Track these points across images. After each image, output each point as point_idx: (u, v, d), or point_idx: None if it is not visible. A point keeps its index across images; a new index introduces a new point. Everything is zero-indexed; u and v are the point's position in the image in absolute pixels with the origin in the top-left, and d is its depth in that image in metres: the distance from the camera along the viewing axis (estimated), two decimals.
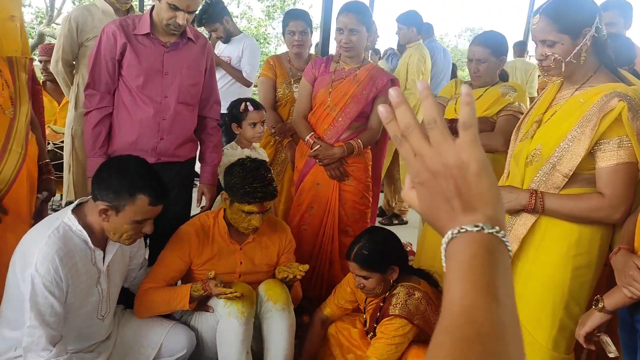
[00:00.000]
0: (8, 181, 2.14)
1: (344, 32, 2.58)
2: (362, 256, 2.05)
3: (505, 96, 2.52)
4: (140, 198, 1.78)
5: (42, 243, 1.73)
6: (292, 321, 2.15)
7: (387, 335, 2.00)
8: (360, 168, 2.72)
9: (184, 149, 2.43)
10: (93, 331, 1.97)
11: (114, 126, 2.33)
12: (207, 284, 2.02)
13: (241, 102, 2.76)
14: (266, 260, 2.31)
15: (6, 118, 2.14)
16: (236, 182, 2.11)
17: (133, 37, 2.25)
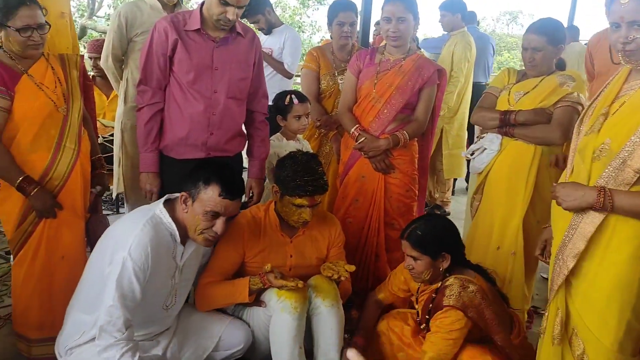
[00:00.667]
0: (63, 177, 2.20)
1: (391, 20, 2.53)
2: (415, 236, 2.05)
3: (562, 86, 2.43)
4: (211, 187, 1.86)
5: (138, 229, 1.82)
6: (341, 317, 2.15)
7: (443, 330, 1.96)
8: (406, 160, 2.69)
9: (233, 144, 2.44)
10: (156, 320, 2.04)
11: (165, 121, 2.35)
12: (265, 277, 2.03)
13: (286, 94, 2.77)
14: (316, 254, 2.30)
15: (60, 115, 2.20)
16: (287, 175, 2.12)
17: (184, 33, 2.26)
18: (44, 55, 2.23)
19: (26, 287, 2.25)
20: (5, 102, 2.08)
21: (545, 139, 2.43)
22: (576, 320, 1.70)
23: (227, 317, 2.16)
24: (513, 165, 2.48)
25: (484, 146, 2.59)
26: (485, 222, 2.57)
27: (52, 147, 2.18)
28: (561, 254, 1.70)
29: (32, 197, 2.12)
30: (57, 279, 2.23)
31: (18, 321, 2.33)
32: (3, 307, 2.78)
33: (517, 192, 2.47)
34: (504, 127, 2.51)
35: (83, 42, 11.86)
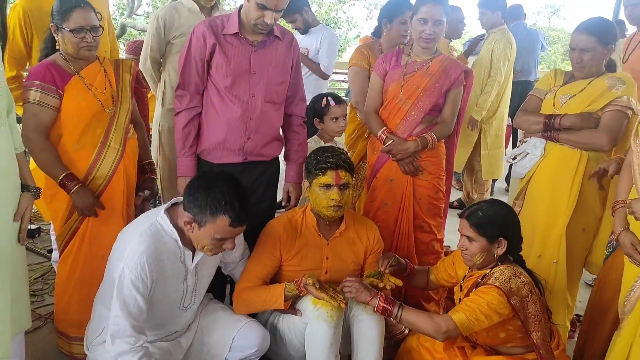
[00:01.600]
0: (106, 177, 2.25)
1: (427, 22, 2.48)
2: (475, 215, 2.00)
3: (612, 89, 2.31)
4: (220, 219, 1.81)
5: (135, 241, 1.85)
6: (382, 326, 2.11)
7: (479, 302, 1.89)
8: (434, 162, 2.66)
9: (270, 148, 2.42)
10: (173, 320, 2.06)
11: (203, 126, 2.35)
12: (302, 286, 2.01)
13: (322, 97, 2.75)
14: (352, 257, 2.28)
15: (106, 115, 2.24)
16: (311, 160, 2.15)
17: (222, 37, 2.25)
18: (99, 58, 2.29)
19: (68, 284, 2.31)
20: (55, 100, 2.15)
21: (591, 145, 2.33)
22: None
23: (244, 319, 2.15)
24: (557, 171, 2.40)
25: (526, 151, 2.51)
26: (527, 229, 2.46)
27: (97, 146, 2.23)
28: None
29: (73, 194, 2.17)
30: (98, 278, 2.24)
31: (59, 317, 2.39)
32: (44, 306, 2.85)
33: (561, 198, 2.38)
34: (548, 132, 2.42)
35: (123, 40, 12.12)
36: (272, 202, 2.56)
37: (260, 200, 2.43)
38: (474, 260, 2.03)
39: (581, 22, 2.42)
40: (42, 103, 2.13)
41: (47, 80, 2.13)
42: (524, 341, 2.00)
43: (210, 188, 1.83)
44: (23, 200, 1.88)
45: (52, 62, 2.18)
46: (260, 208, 2.43)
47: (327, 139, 2.78)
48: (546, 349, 1.92)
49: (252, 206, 2.28)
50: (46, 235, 3.70)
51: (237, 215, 1.82)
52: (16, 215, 1.85)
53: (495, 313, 1.88)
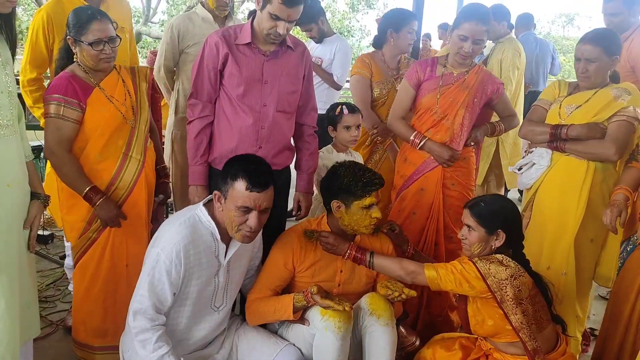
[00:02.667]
0: (128, 187, 2.26)
1: (468, 40, 2.51)
2: (477, 206, 2.05)
3: (617, 100, 2.32)
4: (238, 182, 1.86)
5: (173, 229, 1.90)
6: (394, 337, 2.10)
7: (454, 265, 2.02)
8: (465, 173, 2.68)
9: (282, 157, 2.42)
10: (204, 321, 2.05)
11: (215, 134, 2.37)
12: (309, 296, 2.00)
13: (338, 105, 2.76)
14: (366, 271, 2.26)
15: (127, 127, 2.26)
16: (349, 181, 2.10)
17: (235, 47, 2.26)
18: (116, 68, 2.30)
19: (89, 294, 2.31)
20: (77, 114, 2.16)
21: (598, 155, 2.32)
22: None
23: (282, 342, 2.13)
24: (564, 182, 2.39)
25: (533, 161, 2.50)
26: (535, 241, 2.47)
27: (119, 157, 2.24)
28: None
29: (97, 207, 2.18)
30: (121, 287, 2.30)
31: (79, 328, 2.38)
32: (55, 312, 2.86)
33: (569, 209, 2.37)
34: (554, 142, 2.41)
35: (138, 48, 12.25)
36: (282, 211, 2.56)
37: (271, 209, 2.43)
38: (472, 250, 2.05)
39: (586, 32, 2.43)
40: (64, 117, 2.14)
41: (69, 94, 2.14)
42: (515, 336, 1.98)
43: (235, 161, 1.96)
44: (32, 208, 1.90)
45: (73, 75, 2.18)
46: (271, 217, 2.41)
47: (341, 149, 2.77)
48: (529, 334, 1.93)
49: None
50: (59, 241, 3.73)
51: (252, 179, 1.85)
52: (26, 223, 1.87)
53: (465, 282, 1.96)
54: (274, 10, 2.11)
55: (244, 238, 1.93)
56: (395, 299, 2.08)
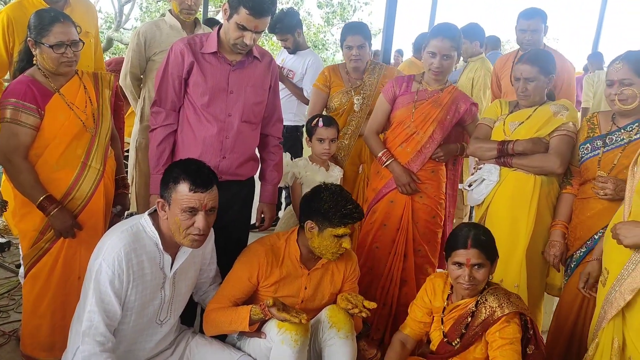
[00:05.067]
0: (85, 197, 2.20)
1: (436, 56, 2.57)
2: (482, 242, 2.00)
3: (557, 115, 2.43)
4: (181, 185, 1.83)
5: (114, 237, 1.84)
6: (354, 350, 2.09)
7: (509, 340, 1.95)
8: (434, 185, 2.72)
9: (246, 168, 2.41)
10: (148, 335, 1.99)
11: (178, 143, 2.34)
12: (266, 310, 1.98)
13: (317, 117, 2.77)
14: (330, 289, 2.26)
15: (88, 135, 2.20)
16: (329, 207, 2.08)
17: (200, 56, 2.25)
18: (78, 73, 2.24)
19: (39, 306, 2.23)
20: (35, 119, 2.10)
21: (544, 169, 2.41)
22: (631, 349, 1.81)
23: (237, 353, 2.10)
24: (514, 196, 2.45)
25: (482, 177, 2.55)
26: None
27: (78, 167, 2.18)
28: (618, 287, 1.80)
29: (52, 217, 2.11)
30: (72, 300, 2.18)
31: (27, 341, 2.30)
32: (8, 323, 2.76)
33: (520, 223, 2.43)
34: (502, 157, 2.48)
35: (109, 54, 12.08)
36: (246, 222, 2.54)
37: (234, 220, 2.41)
38: (478, 289, 2.04)
39: (523, 53, 2.55)
40: (21, 123, 2.07)
41: (27, 99, 2.07)
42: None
43: (174, 166, 1.92)
44: None
45: (32, 79, 2.12)
46: (234, 228, 2.40)
47: (316, 160, 2.76)
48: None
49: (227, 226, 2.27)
50: (15, 249, 3.61)
51: (194, 179, 1.82)
52: None
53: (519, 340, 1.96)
54: (241, 20, 2.10)
55: (192, 242, 1.88)
56: (355, 313, 2.08)
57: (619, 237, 1.76)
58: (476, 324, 2.02)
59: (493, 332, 1.98)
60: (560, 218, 2.41)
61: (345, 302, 2.11)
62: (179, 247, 1.96)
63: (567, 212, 2.40)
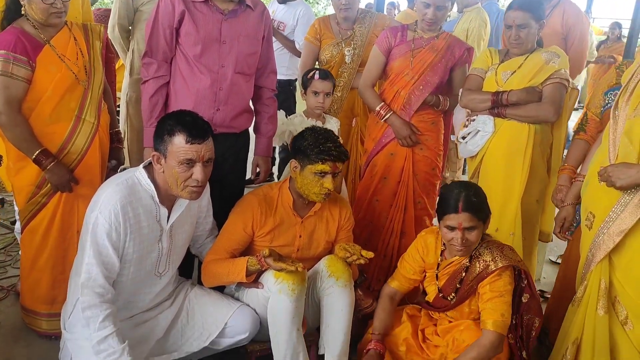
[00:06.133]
0: (80, 151, 2.19)
1: (430, 7, 2.54)
2: (474, 204, 1.97)
3: (549, 63, 2.43)
4: (176, 137, 1.80)
5: (110, 189, 1.83)
6: (352, 299, 2.12)
7: (499, 292, 1.98)
8: (434, 137, 2.72)
9: (240, 120, 2.38)
10: (148, 287, 2.01)
11: (171, 96, 2.30)
12: (263, 260, 2.00)
13: (313, 69, 2.73)
14: (325, 236, 2.28)
15: (80, 88, 2.17)
16: (309, 144, 2.08)
17: (191, 4, 2.19)
18: (67, 24, 2.18)
19: (38, 260, 2.25)
20: (26, 72, 2.05)
21: (539, 118, 2.42)
22: (618, 289, 1.87)
23: (235, 303, 2.13)
24: (509, 146, 2.46)
25: (477, 128, 2.54)
26: None
27: (72, 120, 2.15)
28: (606, 230, 1.84)
29: (48, 171, 2.10)
30: (71, 254, 2.21)
31: (27, 295, 2.33)
32: (6, 278, 2.79)
33: (515, 172, 2.45)
34: (496, 108, 2.47)
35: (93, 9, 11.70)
36: (241, 175, 2.54)
37: (229, 173, 2.40)
38: (472, 249, 2.05)
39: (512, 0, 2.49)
40: (13, 75, 2.03)
41: (18, 51, 2.02)
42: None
43: (168, 118, 1.88)
44: None
45: (22, 30, 2.06)
46: (229, 181, 2.40)
47: (311, 114, 2.72)
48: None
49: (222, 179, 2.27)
50: (10, 206, 3.60)
51: (190, 130, 1.80)
52: None
53: (510, 291, 1.99)
54: None
55: (191, 194, 1.88)
56: (353, 261, 2.10)
57: (611, 179, 1.78)
58: (470, 278, 2.04)
59: (484, 284, 2.01)
60: (570, 163, 2.35)
61: (343, 251, 2.13)
62: (175, 200, 1.96)
63: (577, 157, 2.33)
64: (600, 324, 1.90)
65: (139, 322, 2.02)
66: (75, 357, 1.87)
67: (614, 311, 1.90)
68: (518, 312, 2.07)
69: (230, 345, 2.11)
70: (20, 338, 2.35)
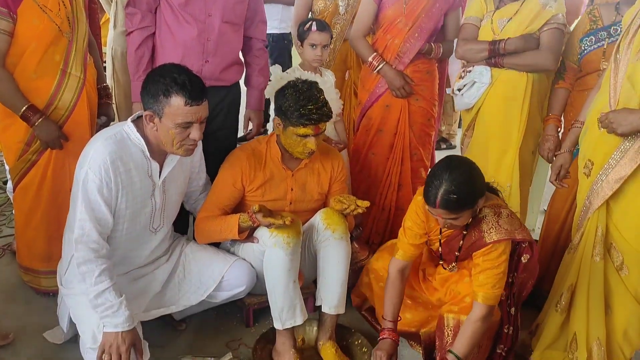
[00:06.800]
0: (68, 107, 2.14)
1: None
2: (451, 201, 1.75)
3: (546, 7, 2.35)
4: (175, 100, 1.74)
5: (98, 144, 1.77)
6: (349, 251, 2.12)
7: (492, 264, 1.86)
8: (429, 87, 2.67)
9: (230, 72, 2.32)
10: (144, 241, 2.01)
11: (157, 48, 2.24)
12: (253, 216, 1.99)
13: (310, 20, 2.63)
14: (317, 189, 2.26)
15: (64, 40, 2.10)
16: (289, 105, 2.02)
17: None
18: None
19: (32, 218, 2.23)
20: (8, 24, 1.98)
21: (537, 66, 2.36)
22: (615, 235, 1.88)
23: (231, 257, 2.13)
24: (507, 97, 2.40)
25: (473, 80, 2.47)
26: (480, 158, 2.45)
27: (57, 74, 2.10)
28: (604, 177, 1.84)
29: (37, 127, 2.06)
30: (65, 211, 2.14)
31: (23, 253, 2.33)
32: (2, 238, 2.79)
33: (512, 124, 2.41)
34: (493, 58, 2.41)
35: None
36: (233, 130, 2.50)
37: (220, 128, 2.36)
38: (463, 225, 1.91)
39: None
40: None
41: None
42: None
43: (160, 75, 1.77)
44: None
45: None
46: (220, 135, 2.37)
47: (307, 67, 2.65)
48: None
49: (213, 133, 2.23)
50: (1, 166, 3.57)
51: (190, 92, 1.74)
52: None
53: (506, 261, 1.87)
54: None
55: (187, 152, 1.85)
56: (350, 212, 2.09)
57: (612, 125, 1.75)
58: (467, 245, 1.97)
59: (478, 255, 1.91)
60: (554, 112, 2.38)
61: (339, 204, 2.12)
62: (167, 155, 1.92)
63: (560, 107, 2.38)
64: (596, 270, 1.91)
65: (136, 277, 2.02)
66: (73, 312, 1.89)
67: (610, 257, 1.91)
68: (517, 270, 1.99)
69: (227, 298, 2.12)
70: (19, 296, 2.36)
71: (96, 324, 1.74)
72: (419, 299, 2.18)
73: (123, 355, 1.69)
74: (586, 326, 1.96)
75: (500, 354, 2.02)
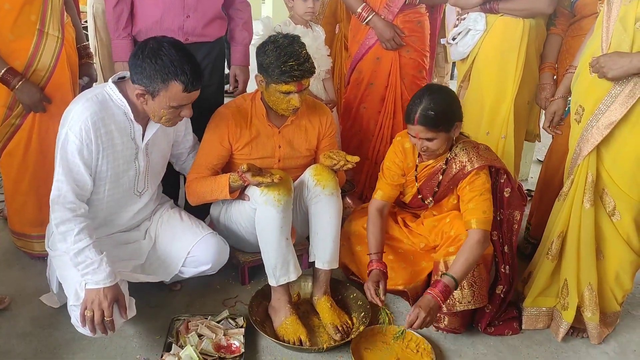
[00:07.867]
0: (48, 68, 2.10)
1: None
2: (429, 117, 1.90)
3: None
4: (173, 85, 1.70)
5: (79, 106, 1.75)
6: (340, 206, 2.11)
7: (479, 191, 1.98)
8: (419, 37, 2.64)
9: (212, 27, 2.26)
10: (128, 204, 2.00)
11: (136, 4, 2.17)
12: (243, 176, 1.96)
13: None
14: (306, 145, 2.23)
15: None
16: (270, 62, 1.97)
17: None
18: None
19: (20, 183, 2.22)
20: None
21: (533, 10, 2.29)
22: (606, 181, 1.88)
23: (202, 231, 2.08)
24: (503, 44, 2.35)
25: (468, 27, 2.40)
26: (475, 109, 2.47)
27: (34, 35, 2.04)
28: (595, 122, 1.81)
29: (17, 90, 2.02)
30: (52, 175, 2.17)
31: (14, 219, 2.32)
32: None
33: (508, 73, 2.36)
34: (487, 4, 2.34)
35: None
36: (219, 86, 2.45)
37: (206, 85, 2.26)
38: (437, 153, 2.02)
39: None
40: None
41: None
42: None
43: (156, 56, 1.70)
44: None
45: None
46: (206, 93, 2.29)
47: (298, 21, 2.57)
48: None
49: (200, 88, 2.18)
50: None
51: (190, 79, 1.71)
52: None
53: (489, 189, 2.00)
54: None
55: (172, 124, 1.85)
56: (340, 167, 2.07)
57: (602, 69, 1.72)
58: (447, 179, 2.05)
59: (463, 186, 2.01)
60: (548, 60, 2.34)
61: (328, 159, 2.09)
62: (149, 118, 1.88)
63: (554, 54, 2.35)
64: (586, 216, 1.92)
65: (121, 241, 2.01)
66: (60, 272, 1.88)
67: (602, 203, 1.91)
68: (502, 207, 2.08)
69: (194, 274, 2.08)
70: (14, 261, 2.37)
71: (78, 282, 1.72)
72: (400, 250, 2.22)
73: (105, 310, 1.67)
74: (577, 272, 1.98)
75: (499, 295, 2.08)
